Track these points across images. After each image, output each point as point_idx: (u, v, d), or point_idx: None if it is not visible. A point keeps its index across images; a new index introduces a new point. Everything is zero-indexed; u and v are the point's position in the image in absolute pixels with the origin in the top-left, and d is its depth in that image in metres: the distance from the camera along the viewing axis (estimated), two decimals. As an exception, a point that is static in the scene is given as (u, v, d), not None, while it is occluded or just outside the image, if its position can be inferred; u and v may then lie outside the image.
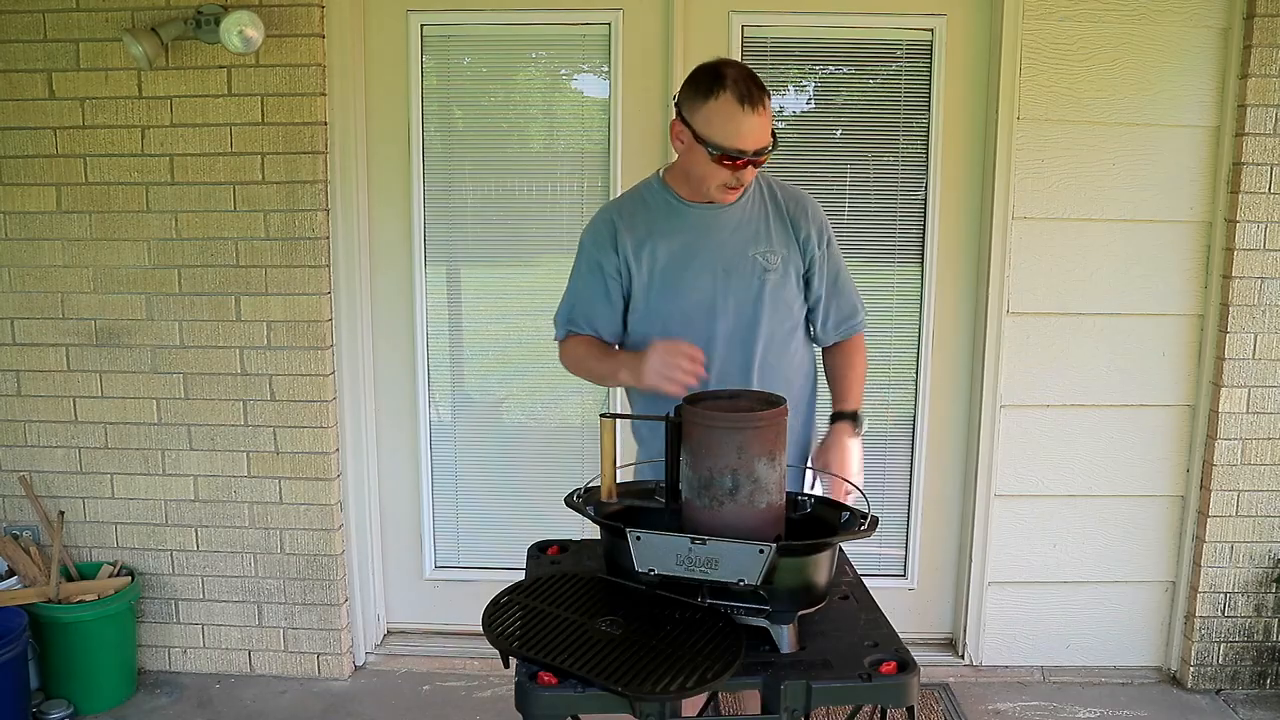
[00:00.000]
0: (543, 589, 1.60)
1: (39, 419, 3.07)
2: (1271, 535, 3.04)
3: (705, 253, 2.00)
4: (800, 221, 2.06)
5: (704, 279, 2.00)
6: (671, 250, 2.00)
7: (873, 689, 1.39)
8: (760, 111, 1.86)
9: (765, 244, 2.02)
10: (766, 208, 2.06)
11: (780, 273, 2.02)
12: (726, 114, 1.84)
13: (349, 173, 3.00)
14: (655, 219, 2.03)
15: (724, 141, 1.84)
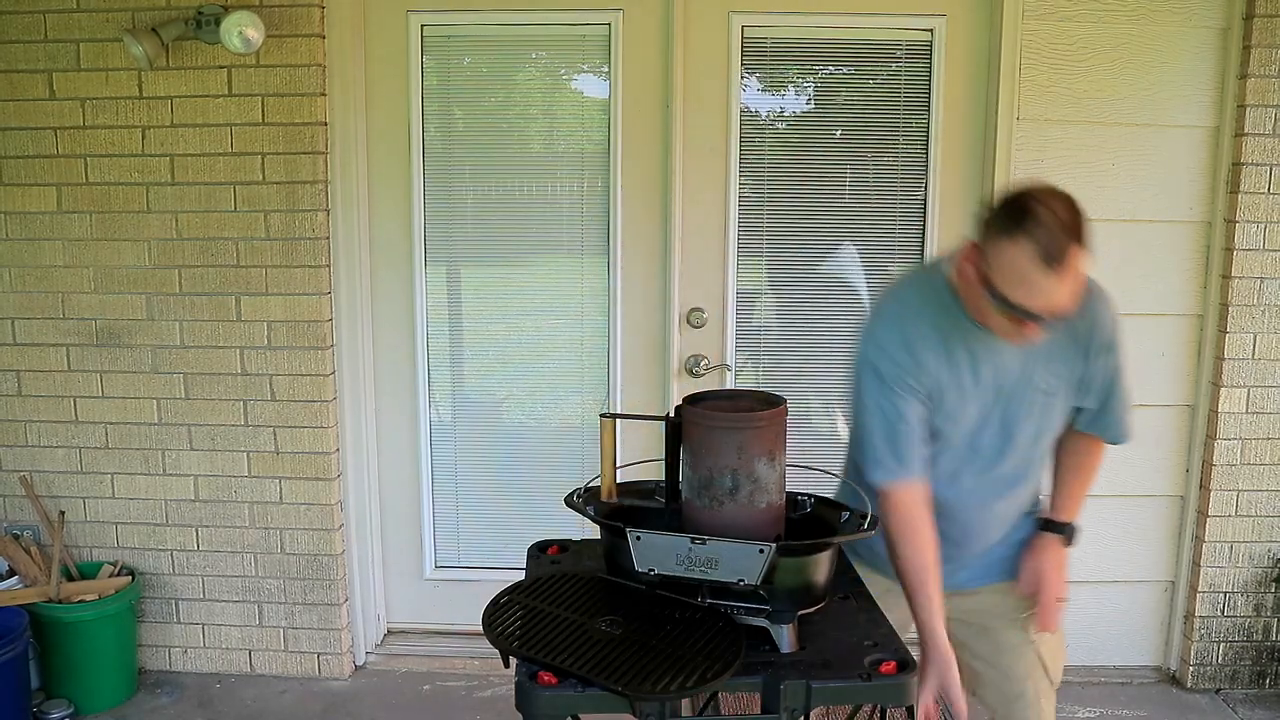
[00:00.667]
0: (543, 589, 1.60)
1: (39, 419, 3.07)
2: (1271, 535, 3.04)
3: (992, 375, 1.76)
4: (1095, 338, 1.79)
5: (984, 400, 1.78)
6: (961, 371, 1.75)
7: (873, 689, 1.39)
8: (1063, 272, 1.53)
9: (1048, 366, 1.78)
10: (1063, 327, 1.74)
11: (1058, 392, 1.81)
12: (1023, 267, 1.53)
13: (349, 173, 3.00)
14: (946, 336, 1.74)
15: (1012, 295, 1.55)
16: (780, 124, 3.10)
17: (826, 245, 3.11)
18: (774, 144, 3.10)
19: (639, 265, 3.11)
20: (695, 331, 3.13)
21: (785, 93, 3.10)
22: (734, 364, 3.16)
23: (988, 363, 1.76)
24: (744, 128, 3.05)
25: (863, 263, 3.13)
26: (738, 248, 3.09)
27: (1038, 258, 1.52)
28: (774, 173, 3.08)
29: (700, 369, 3.12)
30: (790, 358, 3.20)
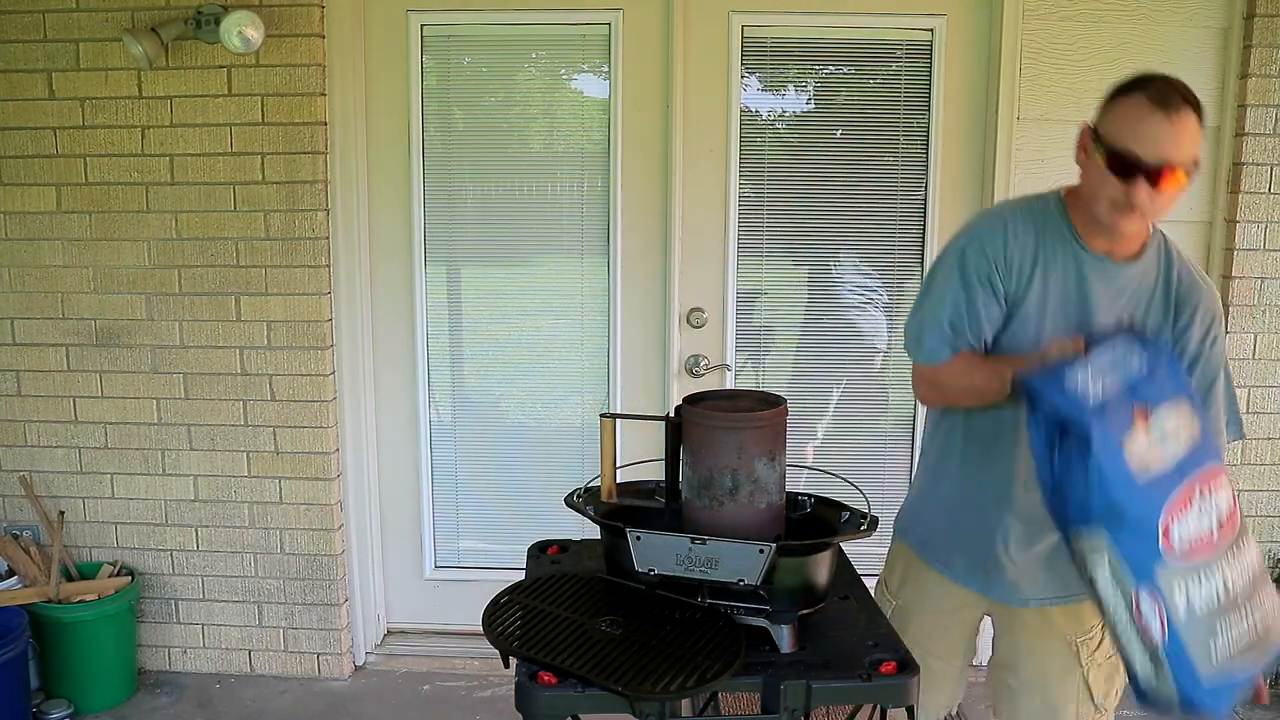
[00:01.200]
0: (543, 589, 1.60)
1: (39, 419, 3.07)
2: (1271, 535, 3.04)
3: (1080, 308, 1.71)
4: (1185, 307, 1.72)
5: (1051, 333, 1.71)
6: (1049, 289, 1.71)
7: (873, 689, 1.39)
8: (1177, 120, 1.55)
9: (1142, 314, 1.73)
10: (1158, 282, 1.73)
11: None
12: (1134, 113, 1.57)
13: (349, 173, 3.00)
14: (1046, 247, 1.72)
15: (1120, 141, 1.57)
16: (780, 124, 3.10)
17: (827, 245, 3.11)
18: (774, 144, 3.10)
19: (639, 265, 3.11)
20: (695, 331, 3.13)
21: (785, 92, 3.10)
22: (734, 364, 3.16)
23: (1079, 292, 1.71)
24: (744, 128, 3.05)
25: (863, 262, 3.13)
26: (738, 248, 3.09)
27: (1148, 101, 1.56)
28: (774, 172, 3.08)
29: (700, 369, 3.12)
30: (790, 358, 3.20)
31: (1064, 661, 1.87)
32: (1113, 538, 1.47)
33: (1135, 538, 1.46)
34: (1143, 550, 1.46)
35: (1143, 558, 1.46)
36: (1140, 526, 1.46)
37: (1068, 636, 1.86)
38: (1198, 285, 1.74)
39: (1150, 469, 1.48)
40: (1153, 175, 1.56)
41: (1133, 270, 1.72)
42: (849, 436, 3.22)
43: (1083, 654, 1.87)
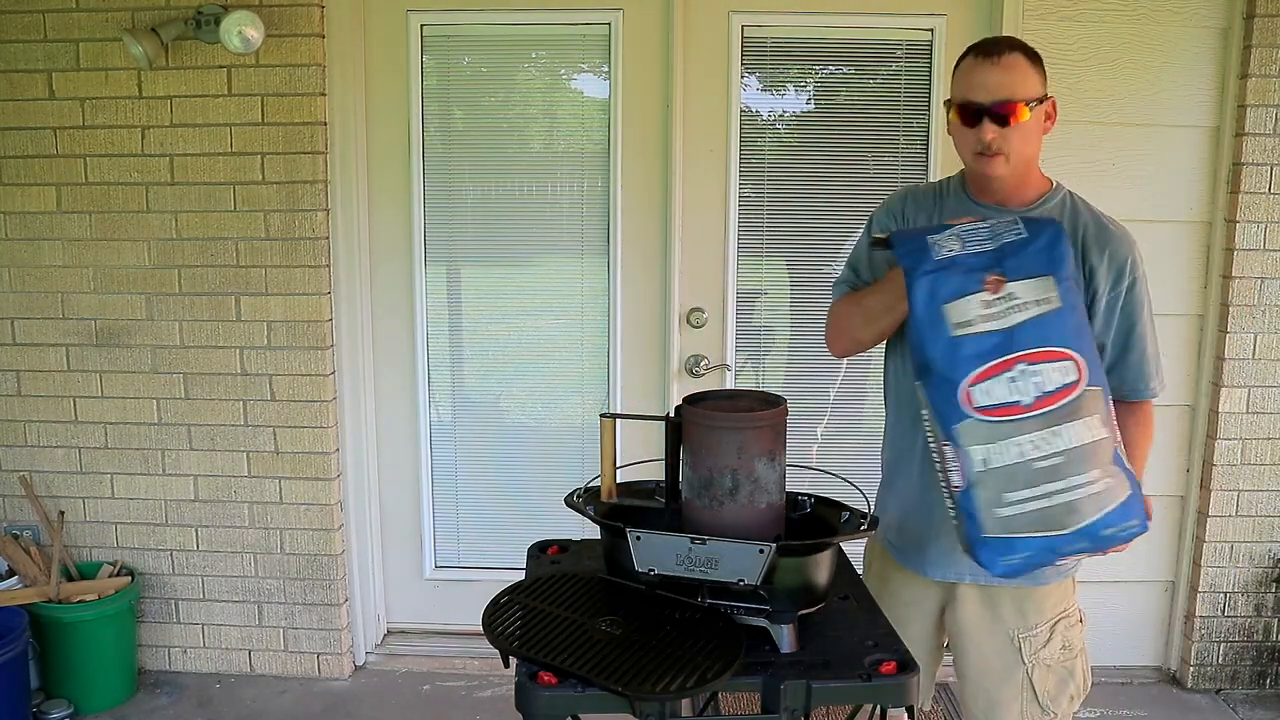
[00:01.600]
0: (543, 589, 1.60)
1: (39, 419, 3.07)
2: (1271, 535, 3.04)
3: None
4: (1091, 252, 1.76)
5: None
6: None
7: (873, 689, 1.39)
8: (999, 62, 1.69)
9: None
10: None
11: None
12: (965, 68, 1.73)
13: (349, 173, 3.00)
14: (945, 208, 1.85)
15: (960, 94, 1.71)
16: (780, 124, 3.10)
17: (827, 245, 3.11)
18: (774, 144, 3.10)
19: (639, 265, 3.11)
20: (695, 331, 3.13)
21: (785, 92, 3.10)
22: (734, 364, 3.16)
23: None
24: (744, 128, 3.05)
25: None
26: (738, 248, 3.09)
27: (975, 55, 1.72)
28: (774, 172, 3.08)
29: (700, 369, 3.12)
30: (790, 358, 3.20)
31: (1006, 657, 1.88)
32: (925, 389, 1.59)
33: (940, 391, 1.57)
34: (946, 403, 1.57)
35: (947, 410, 1.57)
36: (944, 380, 1.57)
37: (1010, 630, 1.87)
38: (1107, 232, 1.79)
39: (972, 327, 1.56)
40: (994, 114, 1.68)
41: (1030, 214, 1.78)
42: (849, 436, 3.22)
43: (1025, 650, 1.87)
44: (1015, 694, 1.88)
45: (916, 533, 1.89)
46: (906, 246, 1.63)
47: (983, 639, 1.89)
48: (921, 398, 1.60)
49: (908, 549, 1.93)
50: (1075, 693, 1.91)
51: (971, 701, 1.94)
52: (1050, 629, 1.86)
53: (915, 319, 1.59)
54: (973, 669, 1.92)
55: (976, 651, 1.90)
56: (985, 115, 1.69)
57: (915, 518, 1.89)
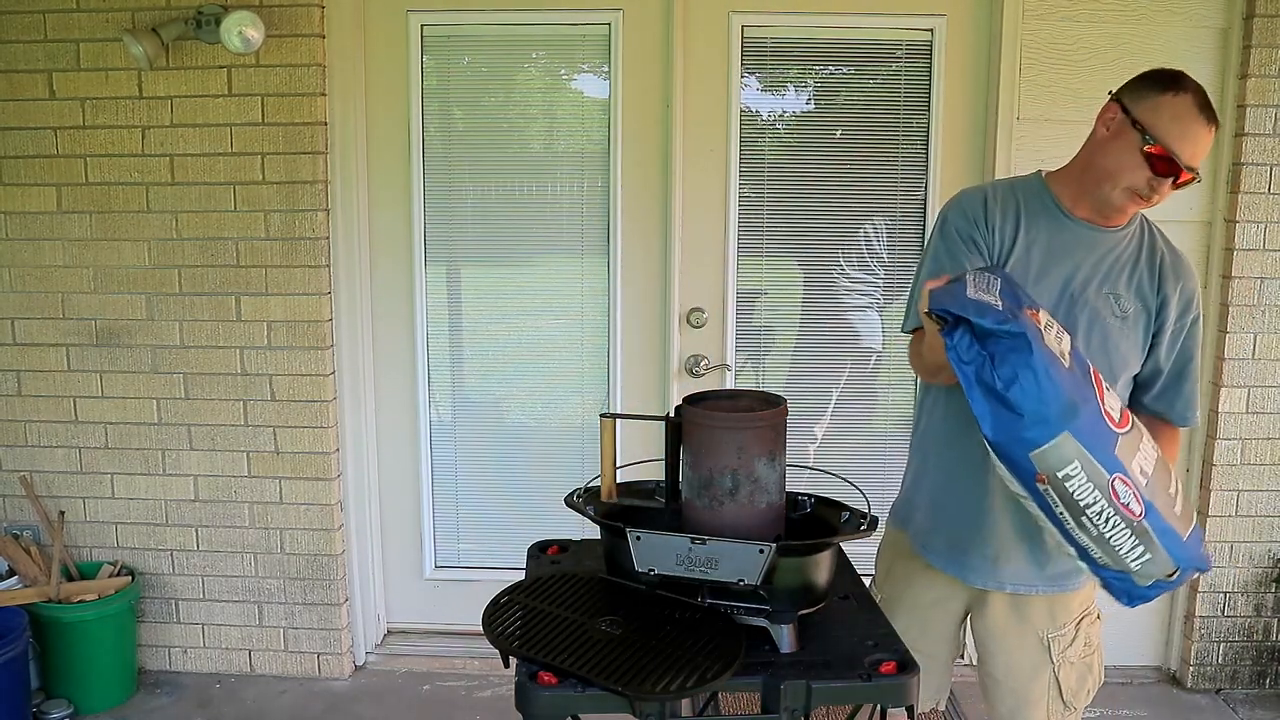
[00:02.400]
0: (543, 589, 1.60)
1: (39, 419, 3.07)
2: (1271, 535, 3.04)
3: (1063, 267, 1.76)
4: (1168, 281, 1.78)
5: (1049, 296, 1.75)
6: (1031, 251, 1.77)
7: (873, 689, 1.39)
8: (1210, 132, 1.66)
9: (1123, 287, 1.78)
10: (1142, 252, 1.80)
11: (1129, 324, 1.78)
12: (1182, 112, 1.64)
13: (349, 173, 3.00)
14: (1029, 213, 1.80)
15: (1165, 136, 1.63)
16: (780, 124, 3.11)
17: (827, 245, 3.11)
18: (774, 144, 3.10)
19: (639, 265, 3.11)
20: (695, 331, 3.13)
21: (785, 93, 3.10)
22: (734, 364, 3.16)
23: (1062, 253, 1.76)
24: (744, 128, 3.05)
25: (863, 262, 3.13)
26: (738, 248, 3.09)
27: (1196, 107, 1.64)
28: (774, 172, 3.08)
29: (700, 369, 3.12)
30: (790, 358, 3.20)
31: (1035, 657, 1.89)
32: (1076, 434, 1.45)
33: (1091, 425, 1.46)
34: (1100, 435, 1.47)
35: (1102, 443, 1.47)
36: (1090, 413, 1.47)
37: (1040, 631, 1.88)
38: (1181, 263, 1.81)
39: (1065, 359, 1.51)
40: (1180, 176, 1.65)
41: (1117, 236, 1.78)
42: (849, 436, 3.22)
43: (1054, 650, 1.88)
44: (1042, 693, 1.90)
45: (962, 538, 1.86)
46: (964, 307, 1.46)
47: (1013, 642, 1.90)
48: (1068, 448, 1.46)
49: (948, 551, 1.89)
50: (1092, 686, 1.94)
51: (999, 702, 1.95)
52: (1075, 627, 1.88)
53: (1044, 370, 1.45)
54: (1001, 670, 1.92)
55: (1005, 654, 1.91)
56: (1174, 175, 1.65)
57: (965, 524, 1.85)
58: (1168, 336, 1.80)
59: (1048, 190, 1.83)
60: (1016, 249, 1.77)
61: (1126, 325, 1.78)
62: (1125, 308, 1.77)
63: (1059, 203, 1.80)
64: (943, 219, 1.83)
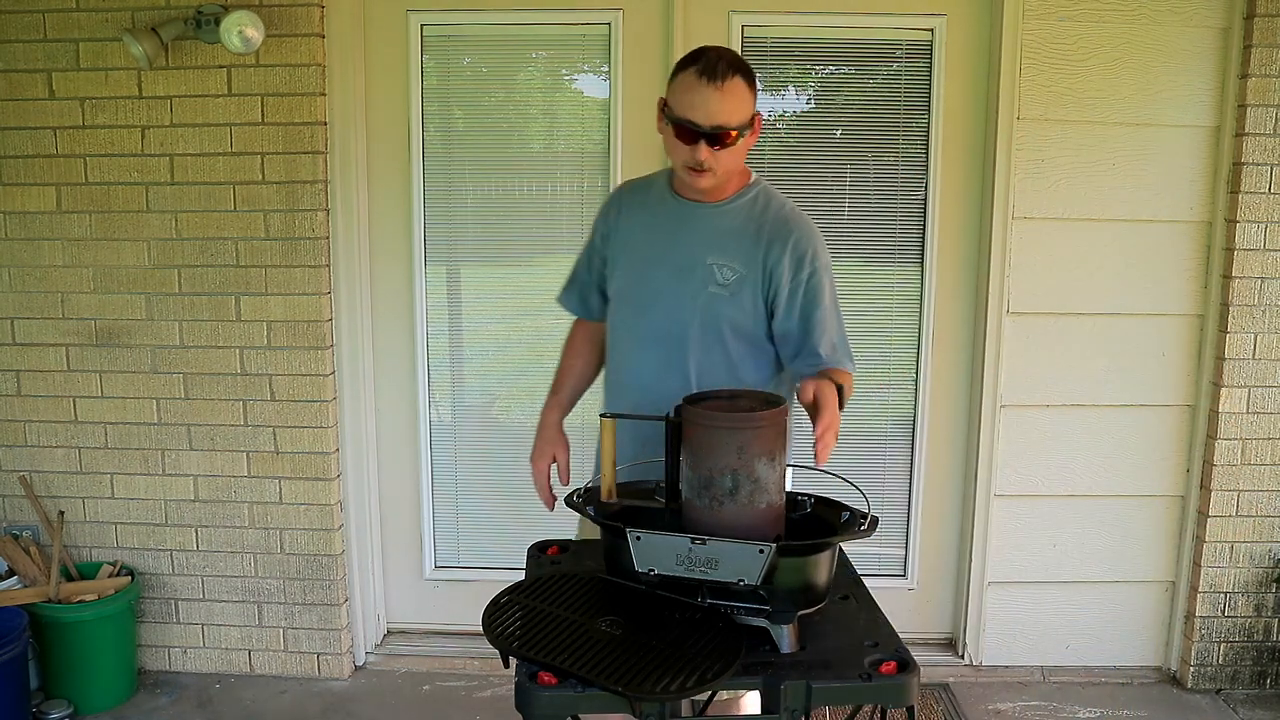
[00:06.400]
0: (543, 589, 1.60)
1: (39, 419, 3.07)
2: (1271, 535, 3.04)
3: (672, 247, 1.97)
4: (775, 245, 1.91)
5: (661, 272, 1.96)
6: (646, 236, 2.00)
7: (873, 689, 1.39)
8: (722, 88, 1.80)
9: (727, 256, 1.91)
10: (748, 224, 1.94)
11: (731, 290, 1.91)
12: (686, 84, 1.83)
13: (349, 173, 3.00)
14: (649, 202, 2.03)
15: (678, 111, 1.83)
16: (780, 124, 3.10)
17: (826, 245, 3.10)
18: (774, 143, 3.10)
19: (639, 265, 3.11)
20: (695, 331, 3.12)
21: (785, 92, 3.10)
22: (734, 364, 3.15)
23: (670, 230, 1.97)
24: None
25: (863, 262, 3.13)
26: (738, 248, 3.08)
27: (698, 74, 1.81)
28: (774, 172, 3.08)
29: (700, 369, 3.11)
30: (790, 358, 3.20)
31: None
32: None
33: None
34: None
35: None
36: None
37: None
38: (791, 224, 1.95)
39: None
40: (710, 138, 1.82)
41: (725, 209, 1.96)
42: (849, 436, 3.21)
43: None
44: None
45: None
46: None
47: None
48: None
49: None
50: None
51: None
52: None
53: None
54: None
55: None
56: (703, 137, 1.81)
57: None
58: (785, 296, 1.91)
59: (669, 179, 2.02)
60: (626, 230, 2.02)
61: (730, 291, 1.91)
62: (728, 276, 1.91)
63: (673, 189, 2.00)
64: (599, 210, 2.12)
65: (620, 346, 2.06)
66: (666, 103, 1.88)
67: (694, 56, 1.84)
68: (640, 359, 2.01)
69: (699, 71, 1.81)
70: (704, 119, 1.80)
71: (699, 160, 1.84)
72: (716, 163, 1.85)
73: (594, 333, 2.17)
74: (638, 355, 2.01)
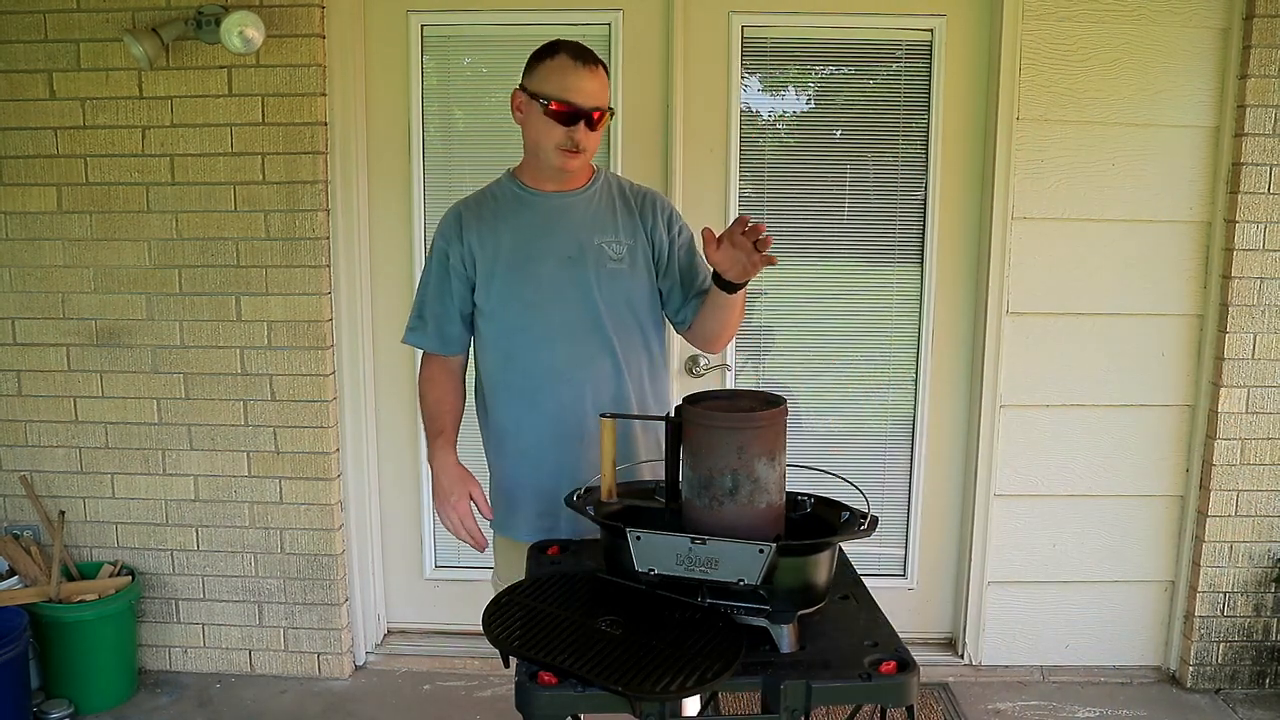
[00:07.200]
0: (543, 589, 1.60)
1: (39, 419, 3.07)
2: (1271, 535, 3.04)
3: (550, 239, 2.01)
4: (648, 213, 2.06)
5: (548, 265, 1.99)
6: (516, 238, 2.01)
7: (873, 689, 1.39)
8: (595, 73, 1.93)
9: (611, 233, 2.02)
10: (615, 201, 2.06)
11: (627, 262, 2.02)
12: (561, 68, 1.91)
13: (349, 173, 3.00)
14: (501, 209, 2.06)
15: (556, 92, 1.90)
16: (780, 124, 3.11)
17: (826, 245, 3.11)
18: (774, 144, 3.10)
19: (639, 265, 3.11)
20: (695, 331, 3.12)
21: (785, 93, 3.10)
22: (734, 364, 3.16)
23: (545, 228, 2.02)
24: (744, 128, 3.05)
25: (863, 263, 3.13)
26: (738, 248, 3.08)
27: (571, 59, 1.92)
28: (774, 173, 3.09)
29: (700, 369, 3.12)
30: (790, 358, 3.20)
31: None
32: None
33: None
34: None
35: None
36: None
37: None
38: (649, 195, 2.10)
39: None
40: (589, 118, 1.92)
41: (586, 195, 2.05)
42: (849, 436, 3.22)
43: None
44: None
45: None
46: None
47: None
48: None
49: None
50: None
51: None
52: None
53: None
54: None
55: None
56: (583, 119, 1.91)
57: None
58: (668, 252, 2.07)
59: (515, 180, 2.09)
60: (492, 243, 2.02)
61: (626, 264, 2.02)
62: (619, 251, 2.01)
63: (526, 187, 2.06)
64: (432, 241, 2.10)
65: (517, 350, 2.03)
66: (530, 91, 1.94)
67: (554, 47, 1.94)
68: (550, 354, 2.01)
69: (573, 56, 1.92)
70: (584, 100, 1.91)
71: (576, 141, 1.93)
72: (589, 143, 1.96)
73: (451, 366, 2.15)
74: (548, 351, 2.01)
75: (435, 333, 2.10)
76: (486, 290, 2.03)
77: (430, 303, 2.10)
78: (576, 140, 1.93)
